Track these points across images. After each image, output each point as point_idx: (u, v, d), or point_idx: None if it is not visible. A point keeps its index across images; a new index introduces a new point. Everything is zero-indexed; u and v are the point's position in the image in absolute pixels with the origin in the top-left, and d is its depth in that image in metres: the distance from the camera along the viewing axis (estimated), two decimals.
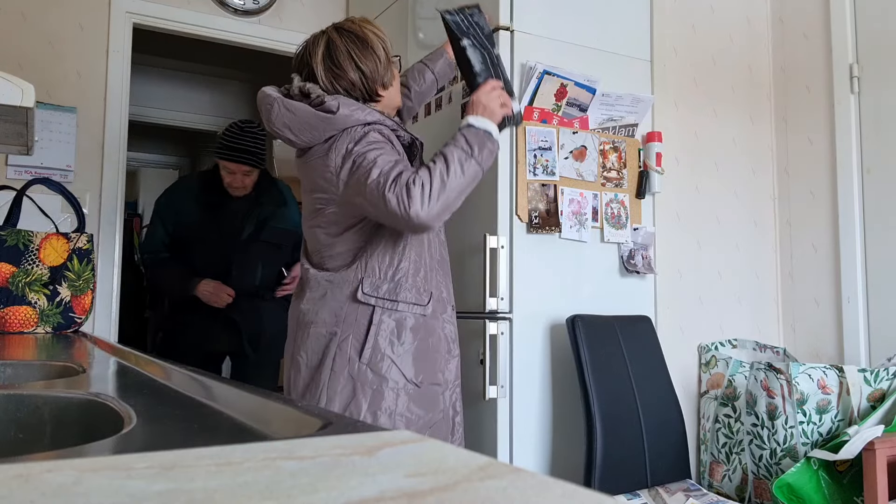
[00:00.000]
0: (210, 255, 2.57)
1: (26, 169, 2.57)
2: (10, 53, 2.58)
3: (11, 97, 1.25)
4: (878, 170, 2.42)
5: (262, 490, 0.30)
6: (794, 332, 2.64)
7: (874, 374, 2.14)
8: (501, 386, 2.00)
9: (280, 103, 1.57)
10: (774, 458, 2.17)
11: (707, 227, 2.57)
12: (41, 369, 1.02)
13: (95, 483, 0.31)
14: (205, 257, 2.57)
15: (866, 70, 2.47)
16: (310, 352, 1.58)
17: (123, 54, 2.79)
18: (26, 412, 0.69)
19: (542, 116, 2.15)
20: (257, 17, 3.06)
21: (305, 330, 1.60)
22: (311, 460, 0.36)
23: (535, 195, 2.11)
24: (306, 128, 1.55)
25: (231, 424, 0.57)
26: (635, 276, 2.28)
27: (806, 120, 2.65)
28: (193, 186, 2.67)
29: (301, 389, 1.58)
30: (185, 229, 2.59)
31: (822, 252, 2.57)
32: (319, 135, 1.55)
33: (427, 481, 0.31)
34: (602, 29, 2.31)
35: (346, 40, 1.60)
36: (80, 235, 2.27)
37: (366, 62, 1.60)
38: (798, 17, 2.70)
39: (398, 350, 1.55)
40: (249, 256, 2.59)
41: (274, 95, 1.59)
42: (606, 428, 1.93)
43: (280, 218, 2.66)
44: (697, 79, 2.61)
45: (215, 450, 0.37)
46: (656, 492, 1.98)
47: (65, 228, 2.34)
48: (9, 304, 2.09)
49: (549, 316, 2.11)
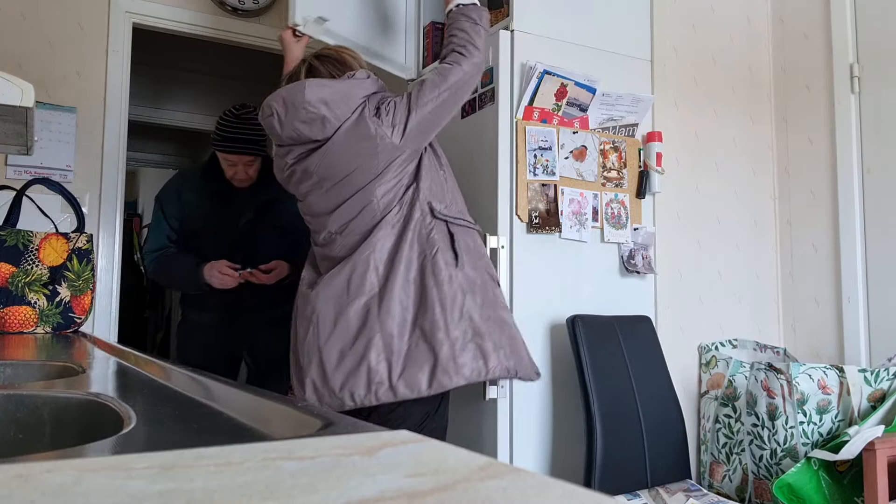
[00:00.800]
0: (219, 246, 2.42)
1: (26, 169, 2.57)
2: (10, 53, 2.58)
3: (11, 97, 1.25)
4: (878, 170, 2.42)
5: (262, 490, 0.30)
6: (795, 332, 2.64)
7: (874, 375, 2.14)
8: (501, 386, 2.00)
9: (312, 82, 1.69)
10: (775, 458, 2.17)
11: (707, 227, 2.57)
12: (41, 369, 1.02)
13: (95, 483, 0.31)
14: (214, 248, 2.42)
15: (866, 70, 2.47)
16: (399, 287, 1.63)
17: (123, 54, 2.79)
18: (26, 412, 0.69)
19: (543, 116, 2.15)
20: (257, 17, 3.06)
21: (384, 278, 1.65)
22: (311, 460, 0.35)
23: (535, 195, 2.11)
24: (341, 98, 1.67)
25: (231, 424, 0.57)
26: (635, 276, 2.28)
27: (806, 120, 2.65)
28: (197, 176, 2.51)
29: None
30: (193, 221, 2.46)
31: (822, 252, 2.56)
32: (352, 104, 1.68)
33: (427, 481, 0.31)
34: (602, 29, 2.31)
35: (328, 64, 1.78)
36: (79, 235, 2.27)
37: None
38: (798, 17, 2.70)
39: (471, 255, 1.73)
40: (259, 243, 2.41)
41: (300, 81, 1.72)
42: (606, 428, 1.93)
43: (289, 200, 2.52)
44: (697, 79, 2.61)
45: (215, 450, 0.37)
46: (656, 492, 1.98)
47: (65, 228, 2.34)
48: (8, 305, 2.09)
49: (549, 316, 2.11)
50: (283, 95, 1.70)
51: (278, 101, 1.70)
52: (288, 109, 1.68)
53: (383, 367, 1.58)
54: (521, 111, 2.11)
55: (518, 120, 2.11)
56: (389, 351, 1.59)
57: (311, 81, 1.70)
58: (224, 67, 4.58)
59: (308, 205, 1.79)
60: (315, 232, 1.81)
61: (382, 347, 1.59)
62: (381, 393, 1.57)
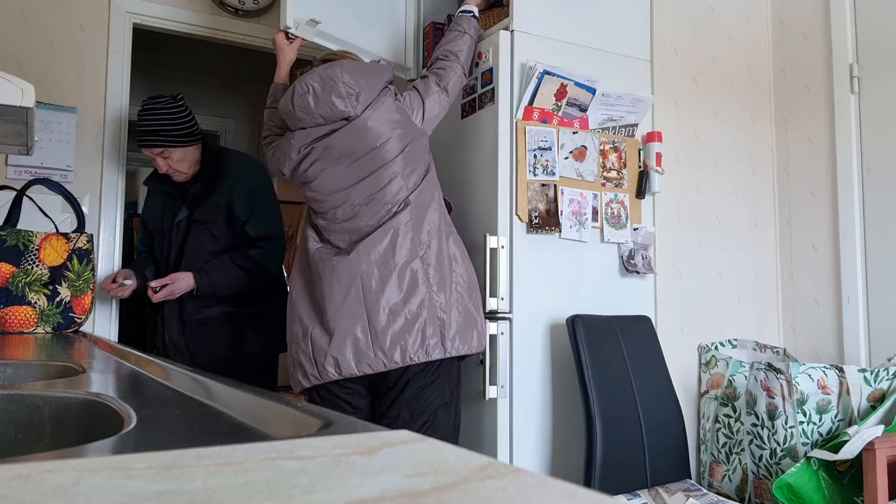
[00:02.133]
0: (160, 244, 2.46)
1: (26, 169, 2.57)
2: (10, 53, 2.58)
3: (11, 97, 1.25)
4: (878, 170, 2.42)
5: (262, 490, 0.30)
6: (794, 332, 2.64)
7: (874, 375, 2.14)
8: (501, 386, 2.00)
9: (346, 63, 1.86)
10: (774, 458, 2.17)
11: (707, 227, 2.57)
12: (41, 369, 1.02)
13: (95, 483, 0.31)
14: (158, 246, 2.47)
15: (866, 70, 2.47)
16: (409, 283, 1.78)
17: (123, 54, 2.78)
18: (26, 412, 0.69)
19: (542, 116, 2.15)
20: (257, 17, 3.06)
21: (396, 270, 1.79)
22: (311, 460, 0.35)
23: (535, 195, 2.11)
24: (373, 78, 1.84)
25: (231, 424, 0.57)
26: (635, 276, 2.28)
27: (806, 120, 2.65)
28: (158, 175, 2.49)
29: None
30: (149, 220, 2.53)
31: (822, 252, 2.56)
32: (379, 85, 1.85)
33: (427, 481, 0.31)
34: (602, 29, 2.31)
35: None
36: (79, 235, 2.27)
37: None
38: (798, 17, 2.70)
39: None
40: (188, 239, 2.38)
41: (331, 62, 1.89)
42: (606, 428, 1.93)
43: (217, 192, 2.38)
44: (697, 79, 2.61)
45: (215, 450, 0.37)
46: (656, 492, 1.98)
47: (65, 228, 2.34)
48: (9, 305, 2.09)
49: (549, 316, 2.11)
50: (320, 73, 1.83)
51: (315, 78, 1.82)
52: (325, 85, 1.80)
53: (436, 324, 1.76)
54: (521, 111, 2.11)
55: (518, 120, 2.11)
56: (441, 310, 1.77)
57: (345, 62, 1.86)
58: (224, 67, 4.58)
59: (321, 183, 1.87)
60: (329, 210, 1.89)
61: (435, 307, 1.77)
62: (432, 349, 1.75)
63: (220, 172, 2.41)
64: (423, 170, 1.90)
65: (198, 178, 2.40)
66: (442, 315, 1.78)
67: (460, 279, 1.85)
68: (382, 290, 1.75)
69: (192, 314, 2.36)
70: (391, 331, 1.73)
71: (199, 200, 2.39)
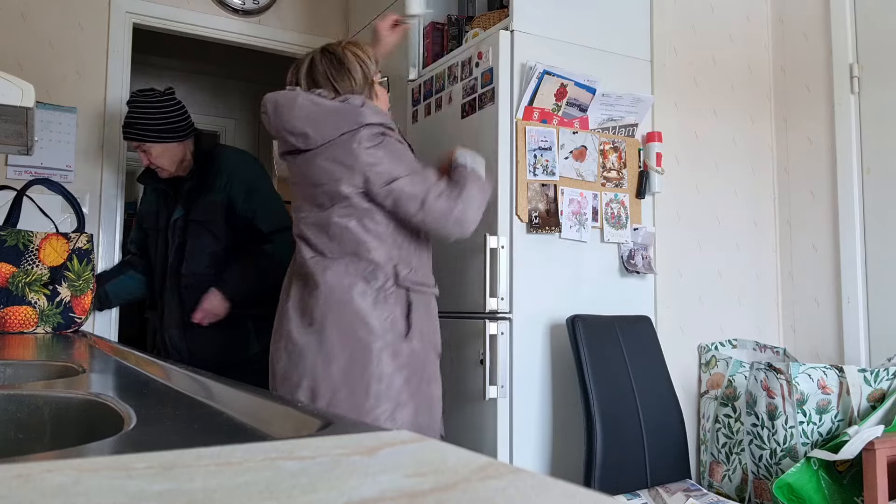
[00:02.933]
0: (156, 243, 2.43)
1: (26, 169, 2.57)
2: (10, 53, 2.58)
3: (11, 97, 1.25)
4: (878, 170, 2.42)
5: (262, 490, 0.30)
6: (794, 332, 2.64)
7: (874, 375, 2.14)
8: (501, 386, 2.00)
9: (304, 97, 1.70)
10: (774, 458, 2.17)
11: (707, 227, 2.57)
12: (41, 369, 1.02)
13: (95, 483, 0.31)
14: (154, 246, 2.44)
15: (866, 70, 2.47)
16: (341, 343, 1.63)
17: (123, 54, 2.79)
18: (26, 412, 0.69)
19: (542, 116, 2.15)
20: (257, 17, 3.06)
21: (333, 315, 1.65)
22: (311, 460, 0.36)
23: (535, 195, 2.11)
24: (331, 120, 1.66)
25: (231, 424, 0.57)
26: (635, 276, 2.28)
27: (806, 120, 2.65)
28: (143, 174, 2.47)
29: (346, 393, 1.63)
30: (145, 218, 2.51)
31: (822, 252, 2.57)
32: (339, 128, 1.66)
33: (427, 481, 0.31)
34: (602, 29, 2.31)
35: (326, 61, 1.77)
36: (79, 235, 2.27)
37: (340, 83, 1.76)
38: (798, 16, 2.70)
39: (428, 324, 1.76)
40: (185, 238, 2.34)
41: (297, 91, 1.73)
42: (606, 428, 1.93)
43: (214, 190, 2.34)
44: (697, 79, 2.61)
45: (215, 450, 0.37)
46: (656, 492, 1.98)
47: (65, 228, 2.34)
48: (9, 305, 2.09)
49: (549, 316, 2.11)
50: (277, 99, 1.72)
51: (272, 102, 1.73)
52: (277, 114, 1.71)
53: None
54: (520, 111, 2.11)
55: (518, 120, 2.11)
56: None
57: (305, 96, 1.70)
58: (224, 67, 4.58)
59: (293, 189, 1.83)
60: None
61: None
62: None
63: (213, 169, 2.37)
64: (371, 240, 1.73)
65: (191, 175, 2.38)
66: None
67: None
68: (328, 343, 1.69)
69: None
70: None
71: (195, 199, 2.35)
